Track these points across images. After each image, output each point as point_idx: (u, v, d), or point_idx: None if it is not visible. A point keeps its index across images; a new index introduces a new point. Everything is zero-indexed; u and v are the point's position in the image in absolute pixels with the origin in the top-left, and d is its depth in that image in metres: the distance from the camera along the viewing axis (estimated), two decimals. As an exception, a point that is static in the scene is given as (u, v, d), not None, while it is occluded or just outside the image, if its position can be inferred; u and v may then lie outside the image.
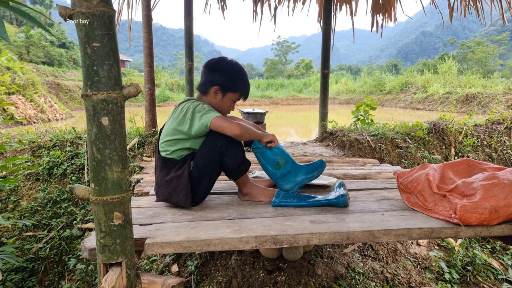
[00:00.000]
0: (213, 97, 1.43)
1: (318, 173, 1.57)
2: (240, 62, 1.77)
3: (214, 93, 1.42)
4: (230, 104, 1.48)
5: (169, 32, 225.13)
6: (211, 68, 1.42)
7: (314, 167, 1.56)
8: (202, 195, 1.43)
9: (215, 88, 1.41)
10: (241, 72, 1.45)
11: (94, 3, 0.80)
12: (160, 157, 1.40)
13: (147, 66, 3.29)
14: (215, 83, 1.40)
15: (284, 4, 4.60)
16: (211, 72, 1.42)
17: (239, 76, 1.43)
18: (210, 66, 1.43)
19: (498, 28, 61.52)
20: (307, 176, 1.54)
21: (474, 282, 1.82)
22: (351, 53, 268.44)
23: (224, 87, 1.41)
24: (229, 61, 1.45)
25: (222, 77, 1.40)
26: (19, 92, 9.69)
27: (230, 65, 1.43)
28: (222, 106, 1.46)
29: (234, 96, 1.45)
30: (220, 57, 1.47)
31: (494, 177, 1.19)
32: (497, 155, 3.45)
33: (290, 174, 1.53)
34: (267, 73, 36.34)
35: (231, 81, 1.41)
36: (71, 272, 2.18)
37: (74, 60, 24.91)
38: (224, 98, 1.44)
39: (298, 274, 1.68)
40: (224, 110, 1.48)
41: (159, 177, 1.40)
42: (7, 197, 2.56)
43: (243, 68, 1.47)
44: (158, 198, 1.42)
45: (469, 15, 3.80)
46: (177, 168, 1.37)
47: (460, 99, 12.05)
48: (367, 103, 3.86)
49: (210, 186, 1.44)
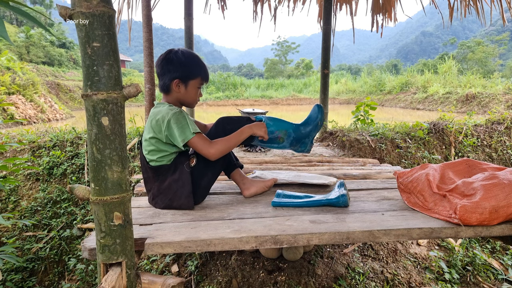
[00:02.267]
0: (177, 91, 1.39)
1: (321, 118, 1.55)
2: (240, 62, 1.78)
3: (176, 87, 1.39)
4: (196, 93, 1.44)
5: (169, 32, 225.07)
6: (163, 65, 1.39)
7: (315, 114, 1.55)
8: (204, 193, 1.42)
9: (176, 82, 1.38)
10: (192, 57, 1.41)
11: (94, 3, 0.80)
12: (150, 168, 1.36)
13: (147, 66, 3.29)
14: (174, 77, 1.37)
15: (284, 4, 4.60)
16: (166, 68, 1.38)
17: (192, 62, 1.40)
18: (161, 63, 1.40)
19: (498, 28, 61.53)
20: (313, 127, 1.54)
21: (474, 282, 1.82)
22: (351, 53, 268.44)
23: (183, 77, 1.38)
24: (177, 50, 1.41)
25: (177, 69, 1.37)
26: (19, 92, 9.69)
27: (179, 55, 1.39)
28: (189, 97, 1.43)
29: (196, 83, 1.42)
30: (167, 51, 1.43)
31: (494, 177, 1.19)
32: (497, 155, 3.45)
33: (297, 137, 1.52)
34: (267, 73, 36.35)
35: (187, 69, 1.38)
36: (71, 272, 2.18)
37: (74, 60, 24.91)
38: (187, 88, 1.41)
39: (298, 274, 1.68)
40: (192, 100, 1.45)
41: (155, 187, 1.37)
42: (7, 197, 2.56)
43: (193, 52, 1.44)
44: (158, 207, 1.39)
45: (469, 15, 3.80)
46: (172, 172, 1.35)
47: (460, 99, 12.05)
48: (367, 103, 3.86)
49: (212, 181, 1.44)
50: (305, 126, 1.54)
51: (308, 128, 1.54)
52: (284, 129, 1.49)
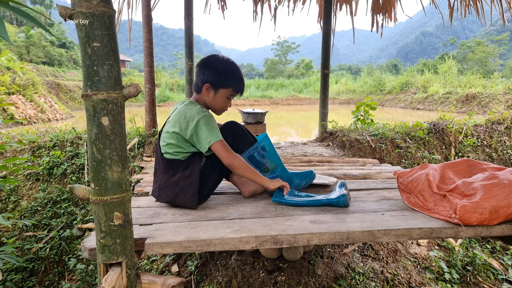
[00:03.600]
0: (206, 94, 1.44)
1: (306, 184, 1.59)
2: (240, 62, 1.79)
3: (206, 91, 1.43)
4: (224, 101, 1.47)
5: (169, 32, 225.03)
6: (201, 66, 1.43)
7: (304, 176, 1.58)
8: (208, 194, 1.45)
9: (207, 86, 1.42)
10: (230, 67, 1.43)
11: (94, 3, 0.80)
12: (163, 159, 1.39)
13: (147, 66, 3.29)
14: (206, 80, 1.41)
15: (284, 4, 4.61)
16: (202, 70, 1.43)
17: (228, 72, 1.43)
18: (201, 64, 1.44)
19: (498, 28, 61.52)
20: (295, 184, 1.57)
21: (474, 282, 1.82)
22: (351, 53, 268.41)
23: (214, 83, 1.41)
24: (219, 57, 1.45)
25: (211, 74, 1.41)
26: (19, 92, 9.69)
27: (218, 62, 1.42)
28: (216, 103, 1.46)
29: (226, 92, 1.44)
30: (211, 55, 1.47)
31: (494, 177, 1.19)
32: (497, 155, 3.45)
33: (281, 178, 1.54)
34: (267, 73, 36.33)
35: (220, 77, 1.41)
36: (71, 272, 2.18)
37: (74, 60, 24.91)
38: (216, 94, 1.44)
39: (298, 274, 1.68)
40: (219, 107, 1.48)
41: (163, 179, 1.39)
42: (7, 197, 2.57)
43: (234, 63, 1.46)
44: (161, 200, 1.40)
45: (469, 15, 3.80)
46: (184, 168, 1.37)
47: (460, 99, 12.05)
48: (367, 103, 3.86)
49: (217, 183, 1.47)
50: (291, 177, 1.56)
51: (295, 181, 1.57)
52: (275, 163, 1.53)
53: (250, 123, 3.71)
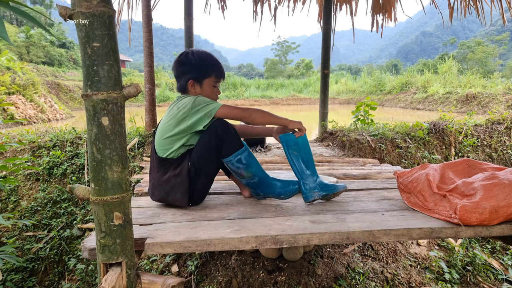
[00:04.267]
0: (192, 91, 1.44)
1: (286, 197, 1.45)
2: (240, 62, 1.78)
3: (192, 87, 1.44)
4: (211, 90, 1.47)
5: (169, 32, 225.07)
6: (177, 67, 1.44)
7: (288, 192, 1.44)
8: (201, 195, 1.42)
9: (190, 82, 1.43)
10: (204, 57, 1.44)
11: (94, 3, 0.80)
12: (157, 158, 1.40)
13: (147, 66, 3.29)
14: (187, 78, 1.42)
15: (284, 4, 4.60)
16: (179, 70, 1.43)
17: (204, 62, 1.44)
18: (176, 66, 1.45)
19: (498, 28, 61.50)
20: (275, 195, 1.46)
21: (474, 282, 1.82)
22: (351, 53, 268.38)
23: (196, 77, 1.43)
24: (188, 52, 1.45)
25: (190, 70, 1.42)
26: (19, 92, 9.69)
27: (191, 56, 1.43)
28: (205, 95, 1.45)
29: (210, 81, 1.46)
30: (180, 53, 1.47)
31: (494, 177, 1.19)
32: (497, 155, 3.45)
33: (258, 185, 1.45)
34: (267, 73, 36.33)
35: (199, 69, 1.42)
36: (71, 272, 2.18)
37: (74, 60, 24.90)
38: (202, 87, 1.45)
39: (298, 274, 1.68)
40: (209, 98, 1.46)
41: (156, 177, 1.40)
42: (7, 197, 2.56)
43: (205, 52, 1.47)
44: (154, 198, 1.41)
45: (469, 15, 3.80)
46: (175, 167, 1.37)
47: (460, 99, 12.04)
48: (367, 103, 3.86)
49: (208, 184, 1.43)
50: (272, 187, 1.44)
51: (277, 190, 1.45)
52: (253, 173, 1.40)
53: (250, 123, 3.71)
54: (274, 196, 1.46)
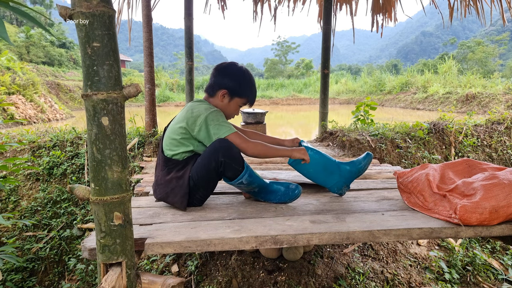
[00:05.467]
0: (220, 100, 1.45)
1: (291, 199, 1.45)
2: (240, 62, 1.78)
3: (221, 96, 1.44)
4: (236, 109, 1.50)
5: (169, 32, 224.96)
6: (221, 72, 1.45)
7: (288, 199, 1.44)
8: (200, 201, 1.41)
9: (223, 92, 1.43)
10: (250, 79, 1.47)
11: (94, 3, 0.80)
12: (162, 156, 1.41)
13: (147, 66, 3.29)
14: (224, 86, 1.43)
15: (284, 4, 4.60)
16: (221, 76, 1.44)
17: (247, 83, 1.46)
18: (221, 69, 1.45)
19: (498, 28, 61.50)
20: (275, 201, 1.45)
21: (474, 282, 1.82)
22: (351, 53, 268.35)
23: (232, 91, 1.44)
24: (240, 67, 1.47)
25: (231, 82, 1.43)
26: (19, 92, 9.69)
27: (240, 71, 1.45)
28: (228, 110, 1.48)
29: (240, 101, 1.48)
30: (231, 62, 1.49)
31: (494, 177, 1.19)
32: (497, 155, 3.45)
33: (258, 193, 1.46)
34: (267, 73, 36.33)
35: (239, 87, 1.44)
36: (71, 272, 2.18)
37: (74, 60, 24.90)
38: (230, 102, 1.46)
39: (298, 274, 1.68)
40: (230, 114, 1.51)
41: (160, 175, 1.41)
42: (7, 197, 2.56)
43: (252, 75, 1.50)
44: (156, 196, 1.42)
45: (469, 15, 3.80)
46: (179, 169, 1.37)
47: (460, 99, 12.04)
48: (367, 103, 3.86)
49: (207, 194, 1.42)
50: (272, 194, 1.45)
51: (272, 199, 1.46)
52: (252, 186, 1.39)
53: (250, 123, 3.72)
54: (275, 202, 1.45)
